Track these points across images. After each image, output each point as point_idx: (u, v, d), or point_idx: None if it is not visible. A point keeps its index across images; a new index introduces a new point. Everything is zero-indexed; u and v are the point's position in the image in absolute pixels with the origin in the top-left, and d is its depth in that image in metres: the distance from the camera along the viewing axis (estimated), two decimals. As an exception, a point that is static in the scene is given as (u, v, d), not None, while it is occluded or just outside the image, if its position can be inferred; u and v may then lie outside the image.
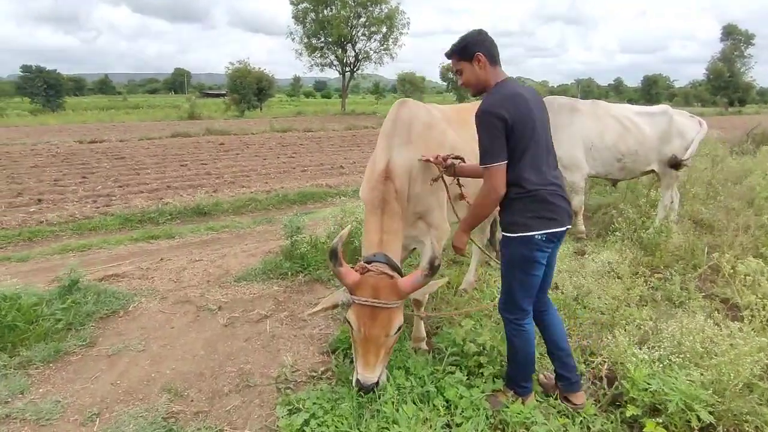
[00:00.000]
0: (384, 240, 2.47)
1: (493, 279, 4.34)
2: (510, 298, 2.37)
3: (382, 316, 2.21)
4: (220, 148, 15.10)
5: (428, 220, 2.88)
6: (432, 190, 2.81)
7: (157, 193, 9.01)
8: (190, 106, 29.72)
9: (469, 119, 3.57)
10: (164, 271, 4.56)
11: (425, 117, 2.90)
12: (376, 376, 2.28)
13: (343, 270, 2.24)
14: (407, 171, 2.65)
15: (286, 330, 3.43)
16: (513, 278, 2.32)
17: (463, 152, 3.14)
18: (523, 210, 2.22)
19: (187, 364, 2.97)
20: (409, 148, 2.70)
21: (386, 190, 2.54)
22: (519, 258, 2.27)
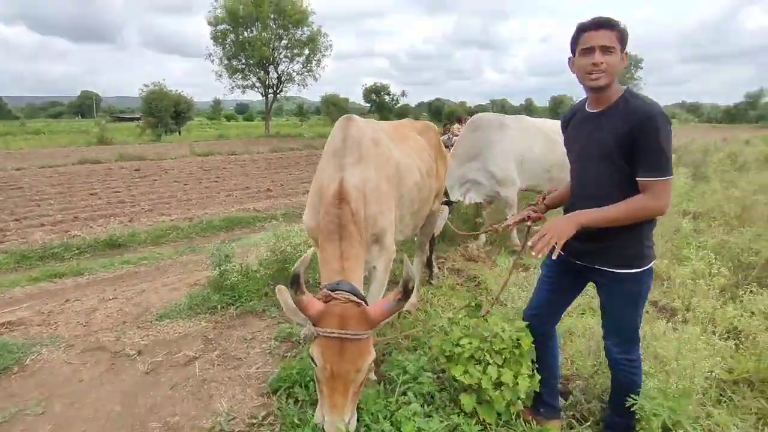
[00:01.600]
0: (346, 267, 2.23)
1: (435, 298, 4.23)
2: (633, 336, 2.15)
3: (351, 349, 1.94)
4: (135, 175, 14.06)
5: (381, 243, 2.69)
6: (387, 209, 2.65)
7: (62, 225, 8.10)
8: (100, 131, 27.67)
9: (408, 134, 3.49)
10: (70, 314, 3.98)
11: (373, 133, 2.76)
12: (346, 419, 1.98)
13: (305, 299, 1.94)
14: (361, 191, 2.46)
15: (218, 372, 3.06)
16: (637, 314, 2.11)
17: (406, 168, 3.02)
18: (649, 240, 2.05)
19: (99, 425, 2.52)
20: (362, 166, 2.53)
21: (342, 213, 2.32)
22: (646, 290, 2.07)
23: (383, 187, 2.63)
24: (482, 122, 5.70)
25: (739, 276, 4.51)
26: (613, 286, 2.09)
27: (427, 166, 3.31)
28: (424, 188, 3.21)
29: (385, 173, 2.69)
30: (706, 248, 4.67)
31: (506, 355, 2.55)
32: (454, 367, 2.60)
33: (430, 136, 3.76)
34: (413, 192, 3.06)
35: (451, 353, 2.66)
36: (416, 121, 4.04)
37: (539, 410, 2.54)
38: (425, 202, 3.31)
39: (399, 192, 2.88)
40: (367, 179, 2.51)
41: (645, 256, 2.02)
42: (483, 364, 2.53)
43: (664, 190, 1.87)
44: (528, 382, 2.47)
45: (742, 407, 2.62)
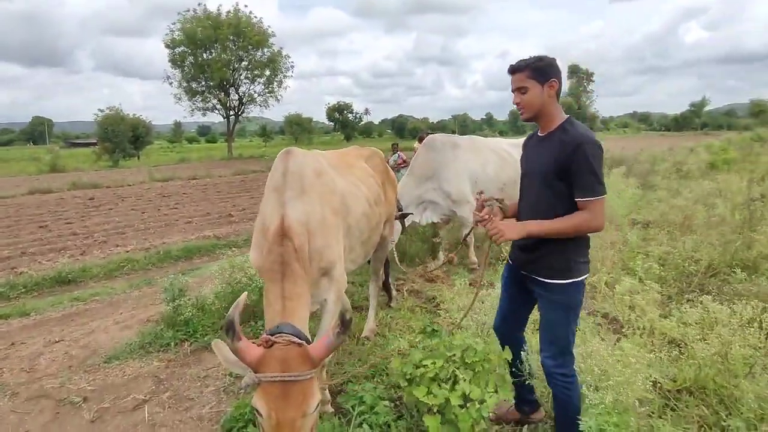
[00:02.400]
0: (288, 307, 2.15)
1: (394, 321, 4.24)
2: (565, 349, 2.26)
3: (295, 393, 1.85)
4: (89, 204, 13.61)
5: (330, 276, 2.66)
6: (334, 242, 2.63)
7: (9, 261, 7.74)
8: (51, 158, 26.71)
9: (354, 163, 3.51)
10: (14, 360, 3.79)
11: (314, 164, 2.73)
12: None
13: (243, 345, 1.85)
14: (304, 226, 2.42)
15: (168, 415, 2.96)
16: (568, 326, 2.23)
17: (353, 198, 3.04)
18: (580, 256, 2.19)
19: (39, 483, 2.40)
20: (304, 200, 2.49)
21: (284, 251, 2.25)
22: (575, 302, 2.22)
23: (329, 220, 2.61)
24: (436, 143, 5.81)
25: (683, 284, 4.72)
26: (545, 295, 2.26)
27: (374, 195, 3.33)
28: (372, 217, 3.22)
29: (329, 205, 2.67)
30: (652, 258, 4.88)
31: (478, 369, 2.60)
32: (416, 389, 2.60)
33: (375, 163, 3.78)
34: (362, 222, 3.06)
35: (412, 376, 2.67)
36: (362, 147, 4.05)
37: (523, 409, 2.74)
38: (374, 229, 3.33)
39: (346, 222, 2.87)
40: (311, 212, 2.49)
41: (573, 270, 2.17)
42: (449, 383, 2.55)
43: (599, 208, 2.05)
44: (494, 399, 2.52)
45: (685, 416, 2.72)
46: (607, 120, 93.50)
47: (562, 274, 2.20)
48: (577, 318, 2.32)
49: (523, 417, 2.79)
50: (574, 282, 2.20)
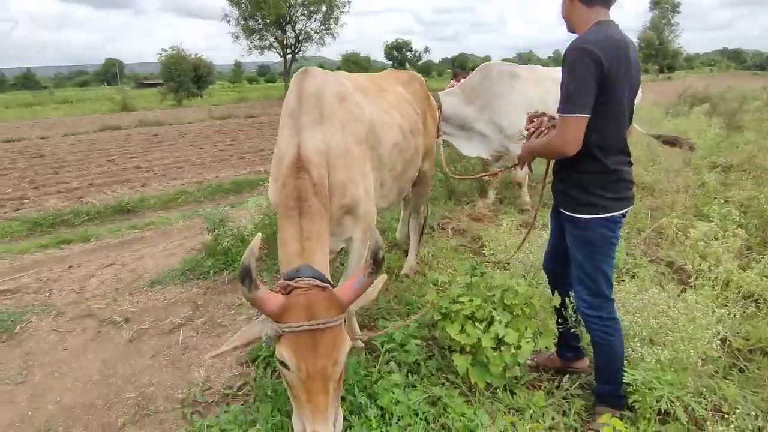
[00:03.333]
0: (306, 248, 1.94)
1: (436, 261, 4.05)
2: (597, 291, 2.06)
3: (325, 341, 1.69)
4: (152, 140, 14.13)
5: (355, 213, 2.42)
6: (359, 176, 2.36)
7: (77, 192, 8.19)
8: (122, 98, 27.92)
9: (387, 87, 3.14)
10: (66, 282, 3.99)
11: (336, 87, 2.42)
12: (331, 423, 1.75)
13: (262, 294, 1.65)
14: (324, 157, 2.16)
15: (201, 340, 2.99)
16: (595, 264, 2.04)
17: (384, 126, 2.74)
18: (603, 190, 1.97)
19: (76, 395, 2.49)
20: (323, 127, 2.21)
21: (301, 185, 2.02)
22: (600, 238, 2.01)
23: (353, 151, 2.33)
24: (492, 71, 5.31)
25: (766, 234, 4.16)
26: (569, 229, 2.11)
27: (411, 124, 2.99)
28: (407, 148, 2.91)
29: (353, 134, 2.38)
30: (732, 204, 4.31)
31: (517, 312, 2.40)
32: (449, 324, 2.44)
33: (414, 89, 3.40)
34: (394, 153, 2.77)
35: (447, 311, 2.50)
36: (399, 71, 3.66)
37: (566, 356, 2.56)
38: (410, 163, 3.02)
39: (376, 154, 2.60)
40: (331, 142, 2.22)
41: (591, 204, 1.99)
42: (484, 324, 2.37)
43: (563, 128, 1.87)
44: (531, 346, 2.32)
45: (755, 378, 2.39)
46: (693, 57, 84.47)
47: (584, 209, 2.00)
48: (609, 259, 2.07)
49: (564, 364, 2.57)
50: (597, 218, 1.98)
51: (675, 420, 2.02)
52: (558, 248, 2.37)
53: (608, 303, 2.09)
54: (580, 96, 1.80)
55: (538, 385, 2.50)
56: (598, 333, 2.09)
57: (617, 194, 1.99)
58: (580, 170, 1.98)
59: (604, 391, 2.19)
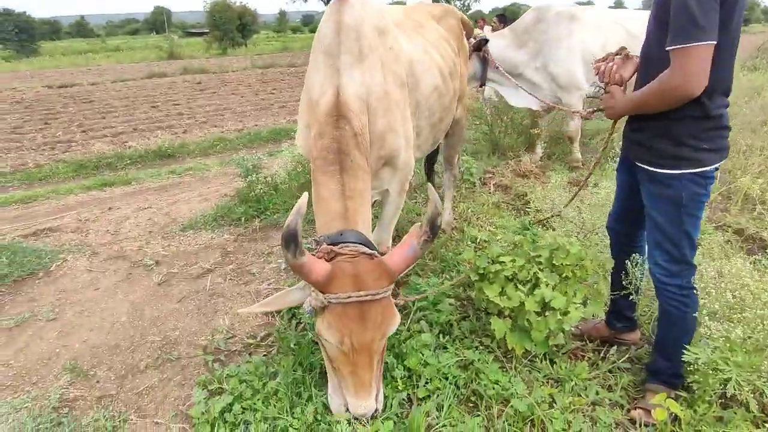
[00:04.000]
0: (350, 208, 1.73)
1: (476, 217, 3.81)
2: (677, 254, 1.79)
3: (373, 313, 1.57)
4: (196, 87, 14.18)
5: (394, 165, 2.17)
6: (399, 124, 2.08)
7: (122, 136, 8.32)
8: (169, 46, 28.17)
9: (424, 22, 2.75)
10: (103, 223, 4.01)
11: (376, 19, 2.07)
12: (374, 399, 1.66)
13: (309, 262, 1.50)
14: (365, 102, 1.88)
15: (228, 287, 2.92)
16: (680, 226, 1.75)
17: (423, 67, 2.39)
18: (697, 141, 1.65)
19: (102, 335, 2.48)
20: (364, 67, 1.90)
21: (341, 135, 1.77)
22: (688, 197, 1.70)
23: (393, 95, 2.05)
24: (549, 13, 4.80)
25: None
26: (647, 186, 1.82)
27: (449, 65, 2.67)
28: (445, 94, 2.60)
29: (393, 75, 2.08)
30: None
31: (567, 274, 2.17)
32: (488, 286, 2.23)
33: (450, 24, 3.02)
34: (432, 99, 2.46)
35: (485, 272, 2.28)
36: (433, 3, 3.24)
37: (616, 326, 2.31)
38: (447, 110, 2.71)
39: (414, 98, 2.31)
40: (372, 85, 1.93)
41: (681, 158, 1.68)
42: (527, 286, 2.16)
43: (684, 62, 1.50)
44: (580, 313, 2.10)
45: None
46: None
47: (671, 162, 1.69)
48: (696, 220, 1.77)
49: (613, 335, 2.33)
50: (686, 173, 1.67)
51: (742, 406, 1.77)
52: (627, 207, 2.09)
53: (690, 270, 1.81)
54: (707, 18, 1.45)
55: (581, 355, 2.29)
56: (674, 303, 1.82)
57: (713, 144, 1.67)
58: (672, 116, 1.64)
59: (662, 368, 1.95)
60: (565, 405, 1.91)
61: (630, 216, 2.10)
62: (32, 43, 37.03)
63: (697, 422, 1.79)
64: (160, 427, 1.89)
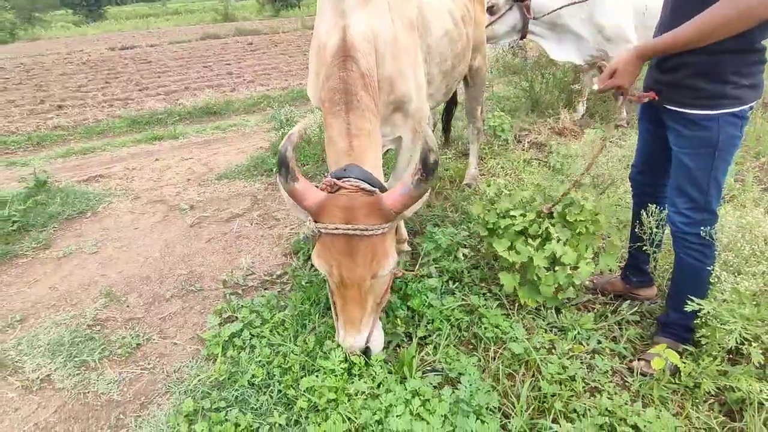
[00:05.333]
0: (355, 146, 1.74)
1: (504, 172, 3.74)
2: (703, 202, 1.70)
3: (363, 249, 1.57)
4: (247, 48, 14.43)
5: (405, 110, 2.15)
6: (408, 68, 2.04)
7: (174, 95, 8.67)
8: (224, 7, 28.65)
9: None
10: (147, 171, 4.27)
11: None
12: (363, 337, 1.70)
13: (300, 186, 1.55)
14: (372, 44, 1.87)
15: (253, 230, 3.07)
16: (711, 172, 1.66)
17: (433, 11, 2.32)
18: (739, 76, 1.54)
19: (136, 267, 2.70)
20: (370, 8, 1.89)
21: (348, 76, 1.76)
22: (725, 139, 1.61)
23: (402, 39, 2.02)
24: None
25: None
26: (677, 130, 1.69)
27: (461, 10, 2.58)
28: (457, 39, 2.53)
29: (402, 18, 2.04)
30: None
31: (579, 229, 2.13)
32: (497, 241, 2.23)
33: None
34: (443, 44, 2.40)
35: (495, 226, 2.28)
36: None
37: (631, 279, 2.25)
38: (460, 57, 2.64)
39: (425, 44, 2.26)
40: (379, 27, 1.90)
41: (726, 96, 1.55)
42: (537, 240, 2.14)
43: None
44: (591, 268, 2.07)
45: None
46: None
47: (710, 102, 1.56)
48: (727, 165, 1.66)
49: (628, 289, 2.27)
50: (725, 113, 1.56)
51: (748, 362, 1.71)
52: (651, 157, 1.98)
53: (713, 219, 1.72)
54: None
55: (591, 307, 2.26)
56: (692, 254, 1.75)
57: (754, 80, 1.56)
58: (712, 50, 1.50)
59: (672, 320, 1.90)
60: (564, 351, 1.91)
61: (654, 166, 2.00)
62: (99, 8, 38.66)
63: (698, 374, 1.75)
64: (177, 347, 2.06)
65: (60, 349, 2.05)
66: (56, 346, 2.07)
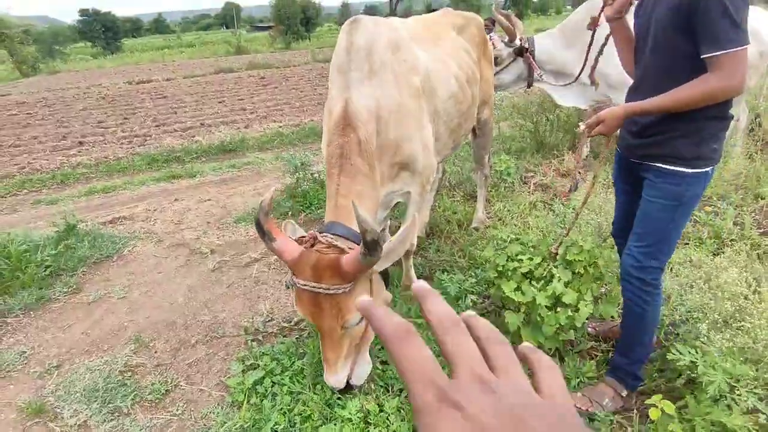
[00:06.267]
0: (339, 205, 1.90)
1: (511, 216, 3.89)
2: (656, 251, 1.83)
3: (328, 305, 1.70)
4: (259, 83, 14.86)
5: (413, 169, 2.33)
6: (415, 131, 2.25)
7: (191, 131, 8.98)
8: (236, 41, 29.56)
9: (442, 34, 2.88)
10: (169, 213, 4.48)
11: (389, 36, 2.24)
12: (342, 377, 1.83)
13: (278, 245, 1.70)
14: (373, 113, 2.06)
15: (272, 275, 3.23)
16: (671, 223, 1.80)
17: (439, 77, 2.51)
18: (715, 140, 1.73)
19: (162, 313, 2.86)
20: (373, 82, 2.09)
21: (346, 142, 1.95)
22: (692, 196, 1.77)
23: (408, 104, 2.21)
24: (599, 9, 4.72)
25: None
26: (653, 183, 1.83)
27: (467, 73, 2.79)
28: (463, 100, 2.73)
29: (408, 86, 2.24)
30: None
31: (579, 270, 2.29)
32: (505, 282, 2.39)
33: (471, 33, 3.13)
34: (449, 105, 2.60)
35: (504, 269, 2.44)
36: (456, 13, 3.33)
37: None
38: (466, 115, 2.83)
39: (432, 106, 2.46)
40: (383, 97, 2.10)
41: (704, 158, 1.72)
42: (542, 282, 2.30)
43: (734, 65, 1.54)
44: (590, 309, 2.21)
45: None
46: None
47: (689, 163, 1.71)
48: (686, 221, 1.84)
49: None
50: (700, 173, 1.72)
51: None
52: (629, 214, 2.09)
53: (658, 270, 1.87)
54: (745, 21, 1.53)
55: (594, 354, 2.38)
56: (634, 297, 1.90)
57: (721, 143, 1.75)
58: (700, 117, 1.66)
59: (618, 363, 2.05)
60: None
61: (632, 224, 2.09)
62: (116, 41, 40.04)
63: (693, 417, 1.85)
64: (204, 393, 2.20)
65: (95, 395, 2.20)
66: (91, 392, 2.21)
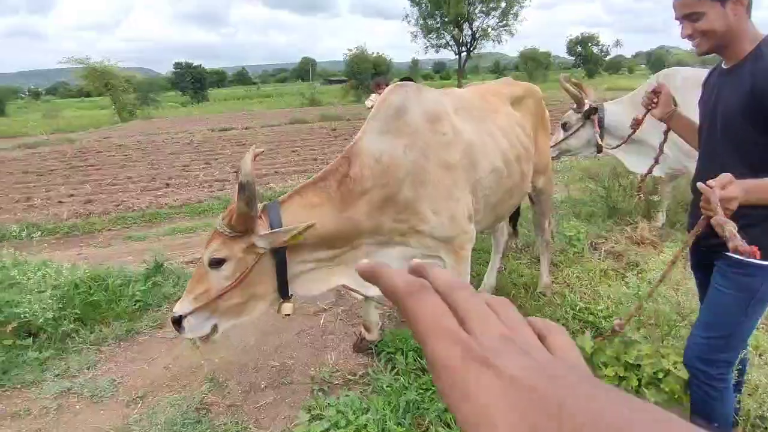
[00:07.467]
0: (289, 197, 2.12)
1: (580, 283, 3.80)
2: (726, 346, 1.75)
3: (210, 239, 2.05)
4: (331, 134, 15.63)
5: (449, 245, 2.29)
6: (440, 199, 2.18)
7: (266, 178, 9.56)
8: (310, 94, 31.45)
9: (498, 107, 2.83)
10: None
11: (428, 105, 2.24)
12: (182, 308, 2.01)
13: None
14: (380, 162, 2.06)
15: (339, 326, 3.33)
16: (741, 316, 1.71)
17: (484, 150, 2.46)
18: None
19: (235, 355, 3.01)
20: (389, 137, 2.11)
21: (336, 167, 2.10)
22: (765, 292, 1.68)
23: (435, 174, 2.17)
24: (676, 79, 4.66)
25: None
26: (726, 270, 1.72)
27: (518, 150, 2.70)
28: (507, 177, 2.62)
29: (439, 158, 2.20)
30: None
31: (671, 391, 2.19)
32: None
33: (527, 106, 3.09)
34: (490, 179, 2.50)
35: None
36: (515, 83, 3.33)
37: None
38: (511, 192, 2.74)
39: (472, 177, 2.39)
40: (400, 158, 2.08)
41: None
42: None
43: None
44: None
45: None
46: None
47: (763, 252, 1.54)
48: (758, 318, 1.73)
49: None
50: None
51: None
52: None
53: (727, 362, 1.76)
54: None
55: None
56: (700, 388, 1.80)
57: None
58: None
59: None
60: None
61: None
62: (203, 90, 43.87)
63: None
64: (272, 440, 2.28)
65: (173, 428, 2.34)
66: (171, 425, 2.36)
